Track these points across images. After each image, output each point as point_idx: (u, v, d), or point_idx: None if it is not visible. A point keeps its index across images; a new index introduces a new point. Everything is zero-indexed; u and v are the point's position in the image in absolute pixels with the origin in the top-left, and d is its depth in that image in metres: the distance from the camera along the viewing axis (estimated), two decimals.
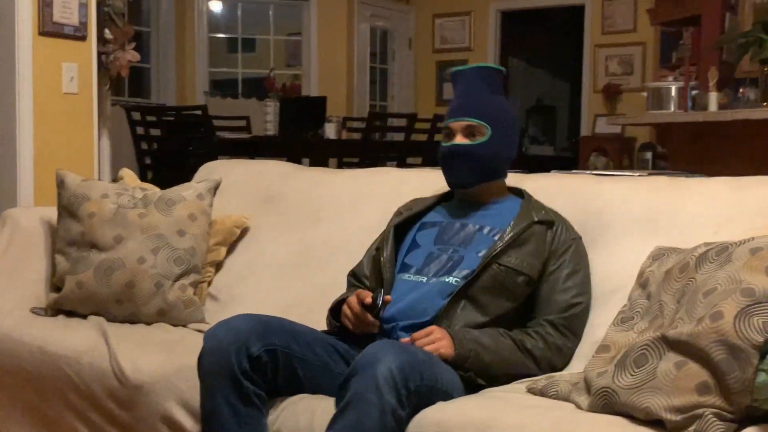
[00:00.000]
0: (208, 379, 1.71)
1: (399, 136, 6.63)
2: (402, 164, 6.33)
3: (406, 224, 2.11)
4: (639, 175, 2.46)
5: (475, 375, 1.80)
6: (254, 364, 1.69)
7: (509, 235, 1.94)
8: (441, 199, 2.15)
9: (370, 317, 1.82)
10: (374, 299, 1.81)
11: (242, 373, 1.68)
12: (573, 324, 1.90)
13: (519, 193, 2.10)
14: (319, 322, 2.05)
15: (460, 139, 2.00)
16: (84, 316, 2.39)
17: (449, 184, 2.08)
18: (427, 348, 1.73)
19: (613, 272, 1.96)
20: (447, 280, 1.93)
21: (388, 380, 1.51)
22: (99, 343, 2.14)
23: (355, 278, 2.14)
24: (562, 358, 1.88)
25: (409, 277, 1.98)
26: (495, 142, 1.99)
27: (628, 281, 1.85)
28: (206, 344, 1.72)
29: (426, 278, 1.95)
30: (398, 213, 2.18)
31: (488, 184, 2.04)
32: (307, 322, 2.03)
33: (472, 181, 2.02)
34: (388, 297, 1.83)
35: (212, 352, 1.70)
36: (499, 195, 2.07)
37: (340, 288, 2.23)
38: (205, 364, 1.72)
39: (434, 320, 1.87)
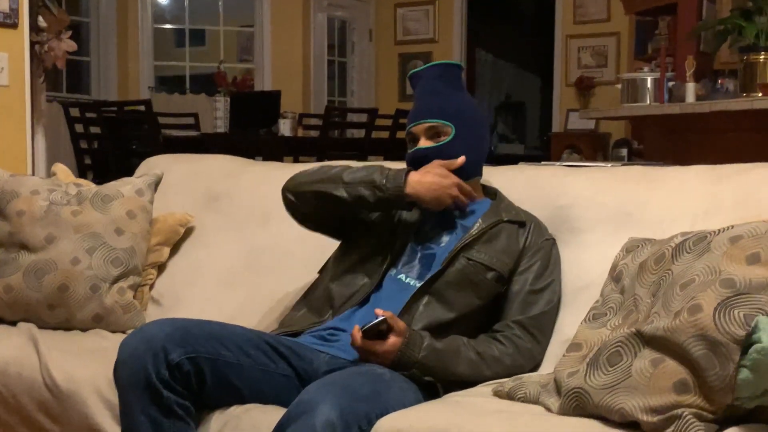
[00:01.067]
0: (124, 391, 1.67)
1: (359, 133, 6.63)
2: None
3: None
4: (611, 166, 2.47)
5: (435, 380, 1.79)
6: (174, 373, 1.65)
7: (477, 230, 1.95)
8: None
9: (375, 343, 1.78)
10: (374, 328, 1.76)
11: (161, 382, 1.64)
12: (542, 324, 1.91)
13: (494, 195, 2.11)
14: (268, 329, 2.04)
15: (423, 143, 2.02)
16: (13, 323, 2.35)
17: None
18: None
19: (585, 267, 1.96)
20: (412, 283, 1.93)
21: (328, 430, 1.47)
22: (28, 352, 2.09)
23: None
24: (532, 361, 1.88)
25: (392, 273, 1.98)
26: (461, 141, 2.00)
27: (600, 276, 1.85)
28: (120, 354, 1.68)
29: (401, 274, 1.96)
30: None
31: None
32: (255, 329, 2.01)
33: None
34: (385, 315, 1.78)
35: (126, 362, 1.66)
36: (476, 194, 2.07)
37: (290, 295, 2.21)
38: (120, 376, 1.68)
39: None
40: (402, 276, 1.96)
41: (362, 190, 1.94)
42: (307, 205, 2.03)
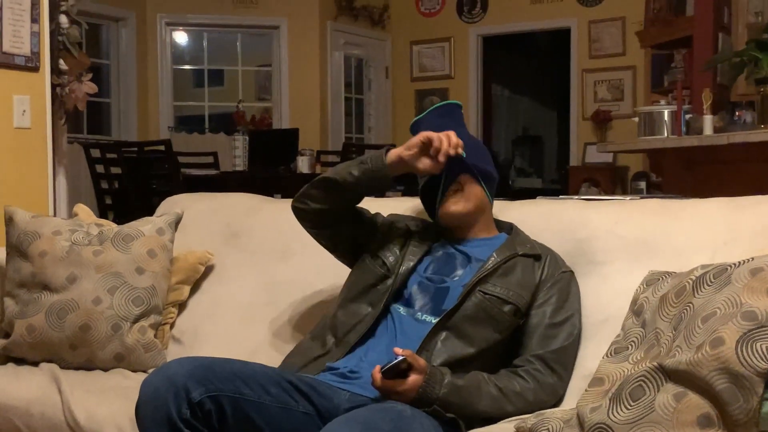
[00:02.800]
0: (146, 430, 1.66)
1: None
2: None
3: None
4: (630, 199, 2.47)
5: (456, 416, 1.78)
6: (196, 412, 1.64)
7: (492, 264, 1.96)
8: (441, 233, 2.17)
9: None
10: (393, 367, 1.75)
11: (182, 422, 1.63)
12: (563, 358, 1.90)
13: (510, 230, 2.12)
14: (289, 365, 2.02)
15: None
16: (35, 364, 2.35)
17: (434, 221, 2.13)
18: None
19: (605, 301, 1.95)
20: (428, 320, 1.93)
21: None
22: (51, 392, 2.10)
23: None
24: (554, 396, 1.87)
25: (400, 308, 1.99)
26: (472, 160, 2.05)
27: (620, 310, 1.84)
28: (142, 393, 1.68)
29: (412, 309, 1.96)
30: (413, 227, 2.17)
31: (473, 219, 2.06)
32: (276, 365, 2.01)
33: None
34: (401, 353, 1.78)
35: (148, 401, 1.65)
36: (487, 232, 2.10)
37: (310, 327, 2.20)
38: (142, 416, 1.67)
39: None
40: (419, 314, 1.95)
41: (351, 168, 2.02)
42: (311, 201, 2.10)
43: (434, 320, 1.92)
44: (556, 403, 1.87)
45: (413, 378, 1.75)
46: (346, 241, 2.16)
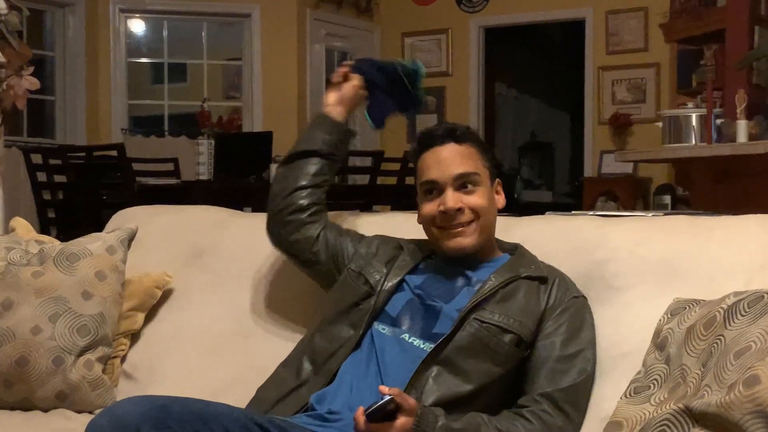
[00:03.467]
0: None
1: (363, 180, 6.65)
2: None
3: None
4: (653, 216, 2.47)
5: None
6: None
7: (489, 288, 1.96)
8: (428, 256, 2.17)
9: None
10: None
11: None
12: (575, 398, 1.90)
13: (513, 250, 2.14)
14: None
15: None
16: None
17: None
18: None
19: (624, 332, 1.95)
20: (416, 344, 1.93)
21: None
22: None
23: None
24: None
25: (383, 329, 1.99)
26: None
27: (641, 342, 1.84)
28: None
29: (398, 329, 1.97)
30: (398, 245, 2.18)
31: (488, 238, 2.09)
32: (244, 405, 2.00)
33: None
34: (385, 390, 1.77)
35: None
36: (490, 253, 2.10)
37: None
38: None
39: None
40: (405, 335, 1.96)
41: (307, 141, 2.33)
42: (279, 209, 2.27)
43: (422, 344, 1.93)
44: None
45: (402, 421, 1.74)
46: (313, 252, 2.26)
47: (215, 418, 1.73)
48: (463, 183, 2.04)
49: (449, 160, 2.06)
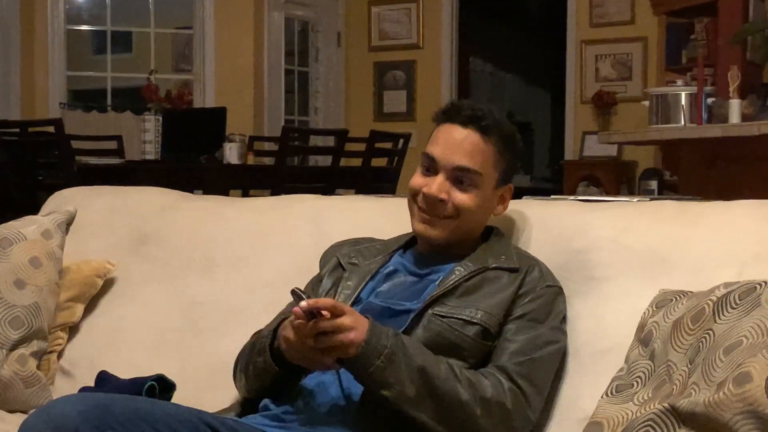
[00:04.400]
0: None
1: (325, 161, 6.64)
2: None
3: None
4: (638, 201, 2.49)
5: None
6: None
7: (452, 282, 1.97)
8: (404, 246, 2.17)
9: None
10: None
11: None
12: (530, 372, 1.89)
13: (488, 236, 2.14)
14: (211, 406, 2.02)
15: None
16: None
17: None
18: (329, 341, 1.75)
19: (606, 326, 1.96)
20: None
21: None
22: None
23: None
24: (521, 410, 1.86)
25: None
26: None
27: (624, 337, 1.85)
28: None
29: None
30: (347, 259, 2.17)
31: (460, 239, 2.08)
32: (193, 405, 2.00)
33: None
34: (325, 313, 1.79)
35: None
36: (466, 250, 2.10)
37: None
38: None
39: (361, 403, 1.87)
40: None
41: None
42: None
43: None
44: (525, 426, 1.87)
45: (356, 316, 1.79)
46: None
47: (160, 419, 1.73)
48: (460, 177, 2.02)
49: (459, 146, 2.03)
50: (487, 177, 2.04)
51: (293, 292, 1.81)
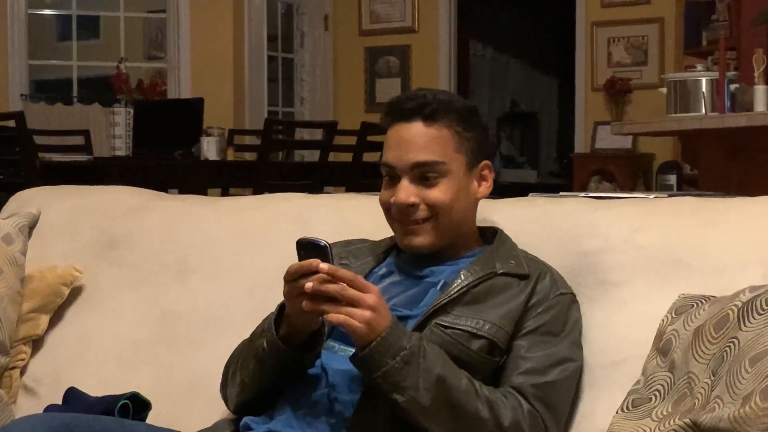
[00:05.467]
0: None
1: (312, 156, 6.64)
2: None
3: None
4: (655, 198, 2.49)
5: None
6: None
7: (457, 289, 1.96)
8: (395, 247, 2.17)
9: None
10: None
11: None
12: (549, 397, 1.90)
13: (492, 238, 2.13)
14: (189, 426, 2.03)
15: None
16: None
17: None
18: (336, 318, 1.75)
19: (620, 335, 1.96)
20: None
21: None
22: None
23: None
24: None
25: (334, 345, 1.99)
26: None
27: (641, 347, 1.85)
28: None
29: (347, 346, 1.95)
30: (338, 260, 2.16)
31: (452, 238, 2.08)
32: (169, 425, 2.00)
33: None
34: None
35: None
36: (462, 249, 2.10)
37: (216, 375, 2.20)
38: None
39: (354, 416, 1.87)
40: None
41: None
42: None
43: None
44: None
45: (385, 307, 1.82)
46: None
47: None
48: (423, 173, 2.00)
49: (410, 143, 2.01)
50: (453, 163, 2.01)
51: (302, 244, 1.82)
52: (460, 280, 1.97)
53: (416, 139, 2.00)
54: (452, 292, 1.95)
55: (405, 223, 2.02)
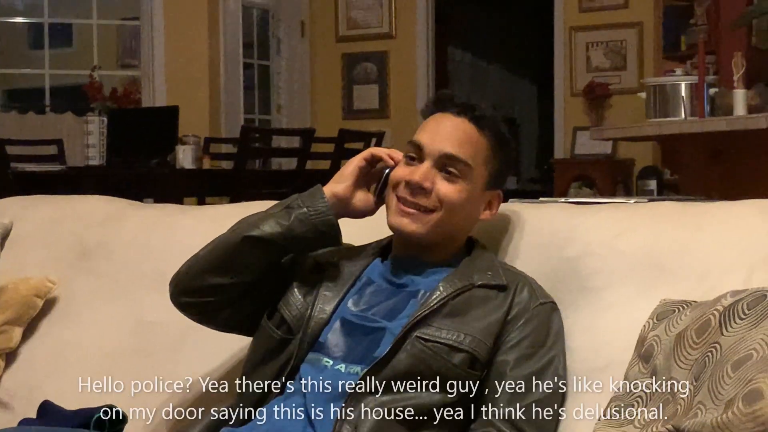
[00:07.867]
0: None
1: (289, 164, 6.64)
2: None
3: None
4: (635, 203, 2.50)
5: None
6: None
7: (436, 300, 1.95)
8: (379, 253, 2.16)
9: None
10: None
11: None
12: (540, 418, 1.89)
13: (471, 249, 2.13)
14: None
15: None
16: None
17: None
18: None
19: (601, 341, 1.96)
20: (354, 371, 1.93)
21: None
22: None
23: None
24: None
25: (314, 358, 1.99)
26: None
27: (623, 352, 1.85)
28: None
29: (331, 360, 1.96)
30: (324, 258, 2.17)
31: (440, 240, 2.08)
32: None
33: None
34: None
35: None
36: (444, 256, 2.10)
37: (197, 388, 2.19)
38: None
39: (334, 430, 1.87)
40: (341, 366, 1.94)
41: (273, 219, 2.08)
42: (209, 278, 2.10)
43: (360, 370, 1.92)
44: None
45: None
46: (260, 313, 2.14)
47: None
48: (447, 166, 2.02)
49: (449, 133, 2.04)
50: (477, 172, 2.03)
51: None
52: (439, 292, 1.97)
53: (456, 132, 2.04)
54: (432, 304, 1.95)
55: (407, 204, 2.02)
